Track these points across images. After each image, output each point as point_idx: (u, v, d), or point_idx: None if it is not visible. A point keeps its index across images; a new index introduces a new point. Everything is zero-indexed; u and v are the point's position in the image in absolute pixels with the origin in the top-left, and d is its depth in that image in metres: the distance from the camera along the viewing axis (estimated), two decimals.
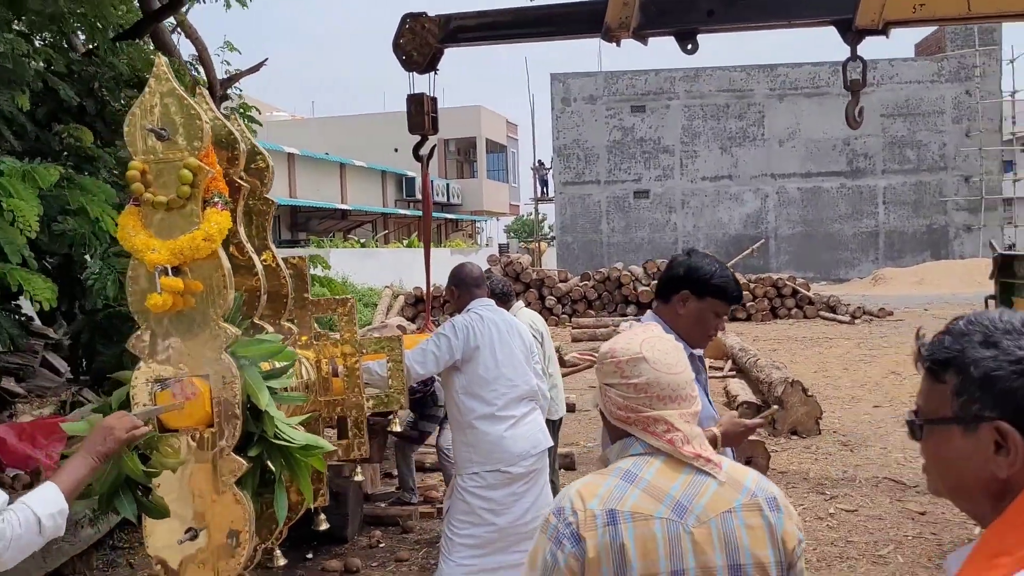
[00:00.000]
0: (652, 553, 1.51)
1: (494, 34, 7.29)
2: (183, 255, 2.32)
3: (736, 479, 1.62)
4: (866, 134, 30.20)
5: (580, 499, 1.57)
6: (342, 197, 30.76)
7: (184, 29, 7.01)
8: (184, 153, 2.37)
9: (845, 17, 6.08)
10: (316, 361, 3.27)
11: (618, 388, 1.64)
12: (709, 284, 2.49)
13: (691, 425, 1.63)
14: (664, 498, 1.55)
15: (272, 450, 2.45)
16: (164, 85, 2.39)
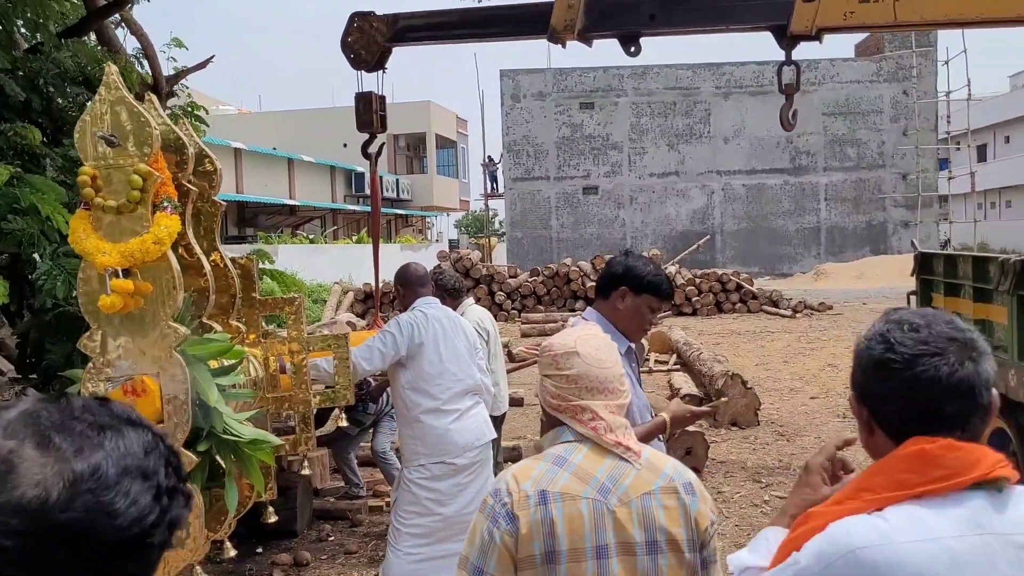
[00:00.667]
0: (579, 529, 1.67)
1: (441, 34, 7.38)
2: (133, 258, 2.40)
3: (656, 465, 1.79)
4: (808, 132, 30.94)
5: (515, 481, 1.72)
6: (290, 192, 30.48)
7: (129, 25, 6.96)
8: (134, 159, 2.45)
9: (780, 23, 6.33)
10: (264, 359, 3.35)
11: (553, 379, 1.80)
12: (645, 281, 2.72)
13: (616, 416, 1.78)
14: (591, 480, 1.71)
15: (221, 445, 2.53)
16: (114, 93, 2.46)
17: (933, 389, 1.25)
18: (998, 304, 3.84)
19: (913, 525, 1.22)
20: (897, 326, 1.30)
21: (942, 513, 1.22)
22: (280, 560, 4.76)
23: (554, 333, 8.14)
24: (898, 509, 1.24)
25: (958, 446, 1.25)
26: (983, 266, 4.05)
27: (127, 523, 0.75)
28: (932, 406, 1.26)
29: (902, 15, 5.95)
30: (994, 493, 1.24)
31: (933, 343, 1.27)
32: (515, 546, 1.67)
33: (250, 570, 4.68)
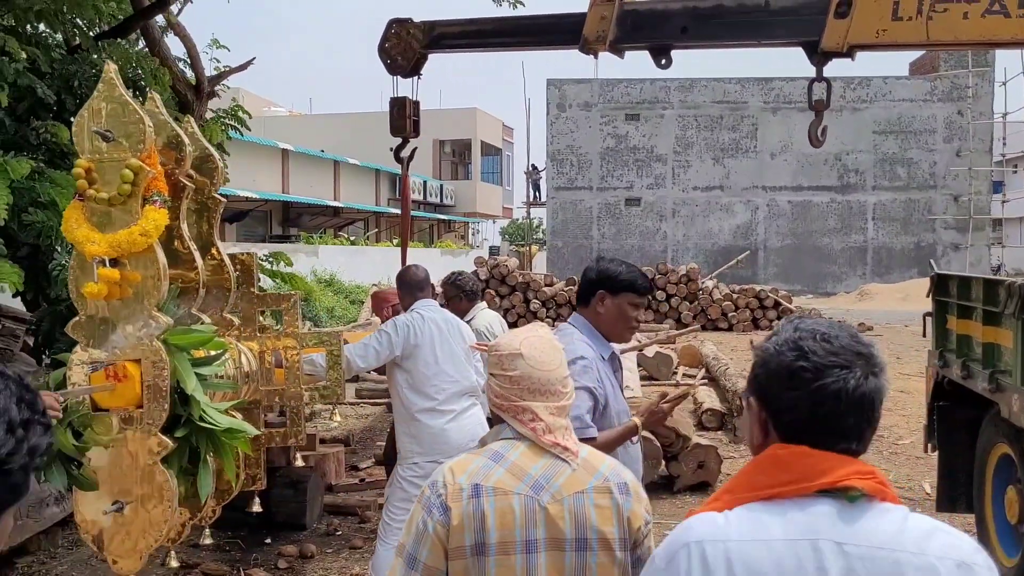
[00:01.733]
0: (509, 524, 1.72)
1: (476, 42, 7.49)
2: (120, 248, 2.51)
3: (592, 465, 1.83)
4: (857, 150, 30.49)
5: (451, 474, 1.78)
6: (335, 194, 30.92)
7: (174, 28, 7.18)
8: (127, 154, 2.56)
9: (812, 39, 6.30)
10: (260, 352, 3.46)
11: (497, 378, 1.85)
12: (620, 280, 2.82)
13: (556, 418, 1.82)
14: (524, 477, 1.76)
15: (199, 432, 2.63)
16: (112, 90, 2.58)
17: (838, 401, 1.28)
18: (1005, 327, 3.79)
19: (749, 524, 1.26)
20: (810, 336, 1.33)
21: (781, 516, 1.26)
22: (286, 551, 4.86)
23: None
24: (743, 509, 1.28)
25: (810, 453, 1.28)
26: (993, 289, 3.99)
27: None
28: (834, 417, 1.29)
29: (935, 35, 5.89)
30: (843, 503, 1.26)
31: (842, 356, 1.29)
32: (447, 536, 1.72)
33: (255, 559, 4.79)
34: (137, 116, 2.57)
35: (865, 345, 1.32)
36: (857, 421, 1.29)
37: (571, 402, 1.88)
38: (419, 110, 7.56)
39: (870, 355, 1.31)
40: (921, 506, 5.72)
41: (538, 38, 7.37)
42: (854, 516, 1.26)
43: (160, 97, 5.48)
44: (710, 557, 1.25)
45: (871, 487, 1.27)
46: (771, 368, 1.34)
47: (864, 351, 1.31)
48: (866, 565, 1.22)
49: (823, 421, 1.29)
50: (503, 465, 1.77)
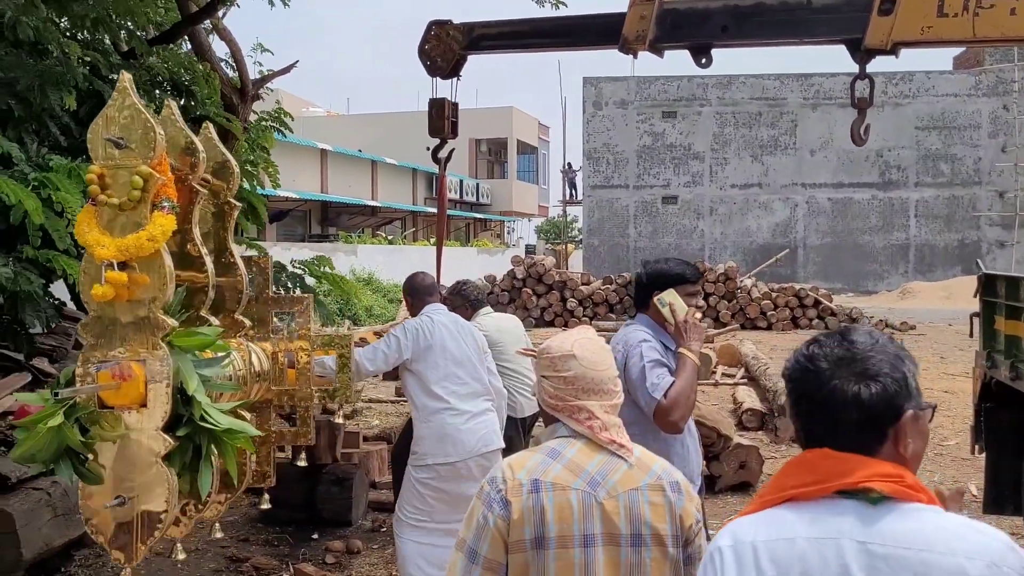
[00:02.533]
0: (567, 518, 1.77)
1: (515, 43, 7.53)
2: (128, 252, 2.59)
3: (646, 463, 1.88)
4: (900, 146, 30.02)
5: (510, 470, 1.84)
6: (373, 194, 31.18)
7: (219, 32, 7.31)
8: (138, 161, 2.65)
9: (855, 36, 6.24)
10: (273, 353, 3.55)
11: (551, 380, 1.91)
12: (669, 276, 2.93)
13: (610, 415, 1.89)
14: (581, 473, 1.82)
15: (201, 432, 2.71)
16: (126, 99, 2.68)
17: (808, 404, 1.35)
18: None
19: (775, 524, 1.32)
20: (807, 344, 1.40)
21: (804, 515, 1.31)
22: (333, 547, 4.96)
23: None
24: (770, 510, 1.35)
25: (831, 455, 1.33)
26: None
27: None
28: (813, 419, 1.35)
29: (981, 31, 5.80)
30: (866, 504, 1.30)
31: (816, 360, 1.35)
32: (507, 530, 1.77)
33: (303, 554, 4.89)
34: (149, 124, 2.66)
35: (857, 352, 1.35)
36: (834, 423, 1.33)
37: (621, 400, 1.94)
38: (457, 111, 7.63)
39: (856, 360, 1.34)
40: (967, 508, 5.65)
41: (577, 38, 7.38)
42: (876, 517, 1.29)
43: (209, 99, 5.63)
44: (740, 556, 1.32)
45: (892, 489, 1.29)
46: (792, 374, 1.41)
47: (848, 356, 1.34)
48: (890, 564, 1.25)
49: (809, 423, 1.36)
50: (560, 462, 1.83)
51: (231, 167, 3.41)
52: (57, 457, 2.59)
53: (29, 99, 4.12)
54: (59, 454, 2.59)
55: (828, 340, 1.38)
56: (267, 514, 5.40)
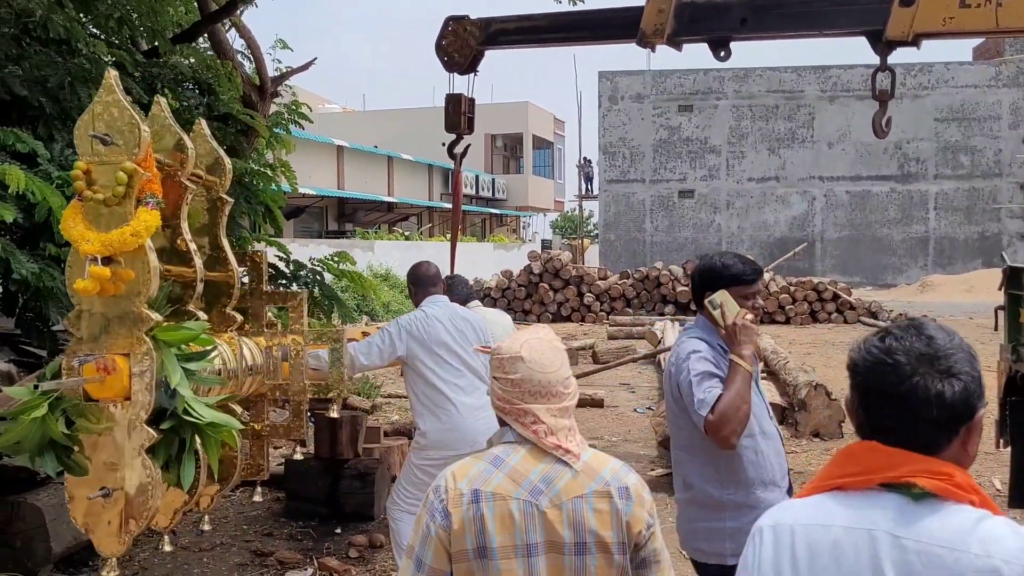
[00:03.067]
0: (508, 529, 1.76)
1: (533, 38, 7.52)
2: (112, 247, 2.62)
3: (594, 468, 1.84)
4: (918, 138, 29.77)
5: (453, 479, 1.82)
6: (389, 189, 31.26)
7: (238, 30, 7.35)
8: (123, 157, 2.67)
9: (876, 28, 6.20)
10: (267, 347, 3.58)
11: (500, 382, 1.87)
12: (722, 277, 2.68)
13: (558, 419, 1.84)
14: (523, 482, 1.79)
15: (185, 425, 2.74)
16: (111, 96, 2.70)
17: (880, 398, 1.33)
18: None
19: (814, 510, 1.35)
20: (877, 335, 1.39)
21: (844, 504, 1.33)
22: (356, 541, 4.99)
23: (642, 336, 8.28)
24: (815, 497, 1.37)
25: (877, 448, 1.33)
26: None
27: None
28: (881, 414, 1.34)
29: (1004, 21, 5.75)
30: (908, 500, 1.29)
31: (892, 354, 1.33)
32: (448, 540, 1.76)
33: (327, 548, 4.92)
34: (134, 121, 2.69)
35: (938, 348, 1.33)
36: (907, 419, 1.31)
37: (574, 403, 1.89)
38: (474, 107, 7.63)
39: (936, 358, 1.32)
40: None
41: (594, 33, 7.36)
42: (917, 513, 1.28)
43: (231, 97, 5.66)
44: (778, 538, 1.35)
45: (935, 486, 1.28)
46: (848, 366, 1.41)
47: (929, 353, 1.32)
48: (923, 560, 1.25)
49: (875, 417, 1.35)
50: (503, 470, 1.80)
51: (224, 163, 3.45)
52: (41, 448, 2.64)
53: (59, 97, 4.17)
54: (43, 445, 2.63)
55: (905, 334, 1.35)
56: (290, 509, 5.45)
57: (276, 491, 5.64)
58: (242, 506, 5.61)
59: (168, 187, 2.97)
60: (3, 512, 4.05)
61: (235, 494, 5.77)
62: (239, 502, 5.68)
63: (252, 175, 5.46)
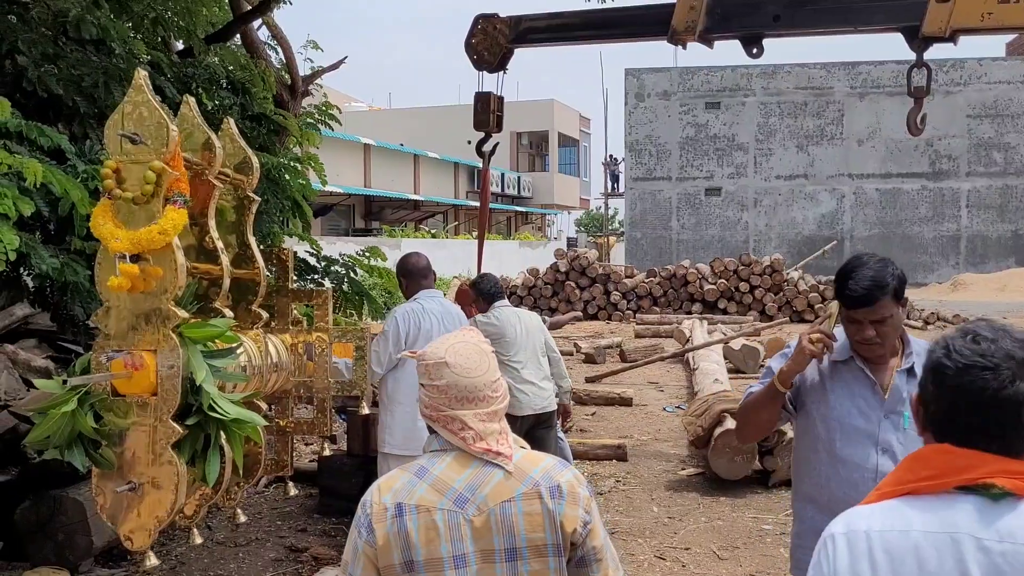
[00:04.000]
0: (434, 540, 1.71)
1: (563, 36, 7.51)
2: (141, 245, 2.66)
3: (524, 470, 1.79)
4: (950, 135, 29.36)
5: (378, 493, 1.78)
6: (415, 187, 31.35)
7: (270, 30, 7.41)
8: (151, 156, 2.69)
9: (912, 24, 6.12)
10: (292, 344, 3.60)
11: (426, 388, 1.82)
12: (837, 290, 2.38)
13: (487, 423, 1.79)
14: (447, 491, 1.75)
15: (210, 421, 2.76)
16: (141, 96, 2.73)
17: (975, 400, 1.30)
18: None
19: (890, 516, 1.32)
20: (961, 336, 1.36)
21: (921, 509, 1.31)
22: None
23: (669, 335, 8.18)
24: (886, 502, 1.35)
25: (951, 451, 1.31)
26: None
27: None
28: (972, 416, 1.31)
29: None
30: (987, 501, 1.28)
31: (989, 357, 1.31)
32: (375, 555, 1.73)
33: None
34: (163, 121, 2.72)
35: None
36: (999, 423, 1.30)
37: (503, 405, 1.84)
38: (503, 105, 7.64)
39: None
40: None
41: (625, 30, 7.34)
42: (997, 513, 1.27)
43: (264, 97, 5.71)
44: (853, 545, 1.32)
45: (1016, 485, 1.27)
46: (925, 366, 1.39)
47: (1020, 355, 1.31)
48: (1009, 561, 1.24)
49: (961, 419, 1.32)
50: (427, 480, 1.76)
51: (251, 162, 3.48)
52: (70, 442, 2.68)
53: (94, 95, 4.22)
54: (72, 439, 2.67)
55: (998, 337, 1.34)
56: (323, 505, 5.48)
57: (309, 487, 5.68)
58: (276, 502, 5.65)
59: (196, 186, 3.00)
60: (46, 506, 4.11)
61: (268, 490, 5.82)
62: (273, 498, 5.72)
63: (279, 169, 5.51)
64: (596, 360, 12.42)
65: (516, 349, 5.10)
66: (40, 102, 4.12)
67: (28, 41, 4.03)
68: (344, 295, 5.85)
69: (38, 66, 4.07)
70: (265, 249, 3.81)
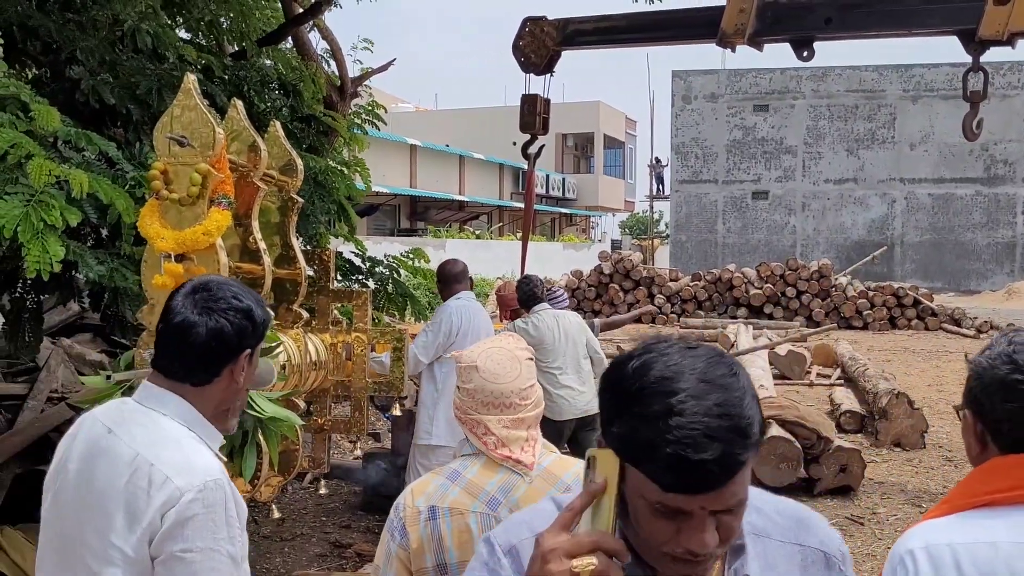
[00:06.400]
0: (468, 543, 1.72)
1: (610, 38, 7.50)
2: (186, 245, 2.73)
3: (554, 474, 1.80)
4: (1007, 139, 28.62)
5: (411, 496, 1.80)
6: (460, 188, 31.50)
7: (321, 31, 7.51)
8: (198, 158, 2.77)
9: (969, 27, 5.99)
10: (332, 344, 3.66)
11: (459, 391, 1.85)
12: (625, 437, 1.90)
13: (511, 430, 1.80)
14: (480, 494, 1.76)
15: (247, 418, 2.82)
16: (189, 99, 2.80)
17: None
18: None
19: (972, 528, 1.30)
20: (1013, 348, 1.33)
21: (1003, 520, 1.29)
22: None
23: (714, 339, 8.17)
24: (962, 514, 1.33)
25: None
26: None
27: None
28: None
29: None
30: None
31: None
32: (408, 559, 1.74)
33: None
34: (209, 124, 2.79)
35: None
36: None
37: (533, 413, 1.85)
38: (549, 107, 7.65)
39: None
40: None
41: (673, 33, 7.31)
42: None
43: (315, 99, 5.79)
44: (938, 559, 1.29)
45: None
46: (985, 381, 1.37)
47: None
48: None
49: None
50: (459, 484, 1.78)
51: (296, 164, 3.56)
52: None
53: (147, 102, 4.33)
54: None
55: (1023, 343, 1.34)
56: (367, 502, 5.55)
57: (353, 485, 5.76)
58: (320, 498, 5.74)
59: (241, 187, 3.08)
60: None
61: (312, 487, 5.91)
62: (317, 495, 5.81)
63: (326, 172, 5.59)
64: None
65: (555, 355, 5.15)
66: (93, 111, 4.24)
67: (86, 50, 4.15)
68: (388, 296, 5.91)
69: (94, 75, 4.19)
70: (308, 250, 3.89)
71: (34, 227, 2.84)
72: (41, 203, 2.92)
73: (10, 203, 2.86)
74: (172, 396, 1.67)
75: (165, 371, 1.68)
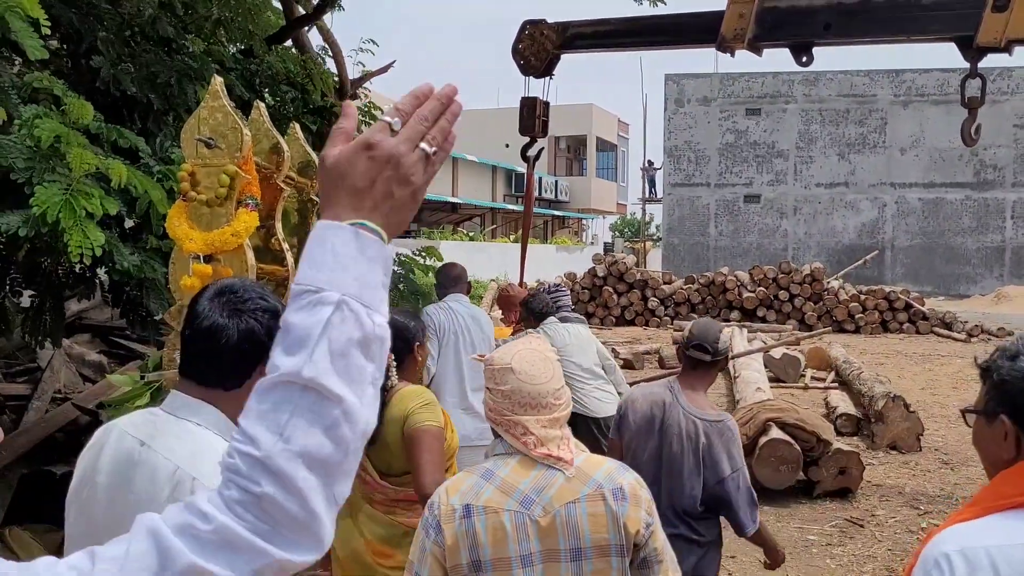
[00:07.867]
0: (502, 541, 1.77)
1: (610, 42, 7.54)
2: (213, 246, 2.74)
3: (586, 473, 1.84)
4: (996, 144, 28.82)
5: (446, 494, 1.84)
6: (453, 190, 31.50)
7: (322, 33, 7.53)
8: (226, 160, 2.78)
9: (966, 34, 6.06)
10: None
11: (492, 393, 1.88)
12: None
13: (548, 429, 1.84)
14: (514, 492, 1.80)
15: None
16: (216, 101, 2.81)
17: None
18: None
19: (1005, 530, 1.33)
20: None
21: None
22: None
23: None
24: (993, 517, 1.35)
25: None
26: None
27: None
28: None
29: None
30: None
31: None
32: (443, 555, 1.78)
33: None
34: (237, 126, 2.81)
35: None
36: None
37: (566, 413, 1.88)
38: (548, 111, 7.69)
39: None
40: None
41: (672, 37, 7.35)
42: None
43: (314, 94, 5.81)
44: (974, 562, 1.30)
45: None
46: (1021, 386, 1.38)
47: None
48: None
49: None
50: (493, 483, 1.82)
51: (315, 166, 3.58)
52: None
53: (166, 92, 4.36)
54: None
55: None
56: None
57: None
58: None
59: (264, 188, 3.10)
60: None
61: None
62: None
63: None
64: (635, 366, 12.41)
65: (566, 365, 5.20)
66: (112, 100, 4.26)
67: (106, 41, 4.17)
68: (400, 295, 5.95)
69: (114, 65, 4.20)
70: None
71: (75, 214, 2.86)
72: (80, 192, 2.93)
73: (50, 189, 2.88)
74: (204, 405, 1.63)
75: (196, 377, 1.64)
